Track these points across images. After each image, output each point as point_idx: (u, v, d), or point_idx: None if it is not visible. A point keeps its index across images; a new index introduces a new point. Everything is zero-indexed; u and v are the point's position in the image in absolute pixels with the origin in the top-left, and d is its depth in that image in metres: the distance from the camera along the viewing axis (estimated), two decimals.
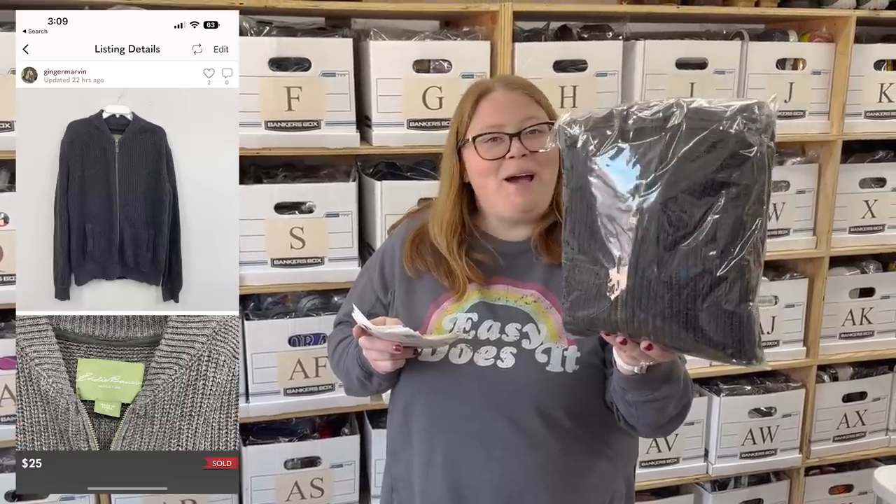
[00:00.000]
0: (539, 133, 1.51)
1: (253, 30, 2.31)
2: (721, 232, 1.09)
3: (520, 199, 1.52)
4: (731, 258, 1.09)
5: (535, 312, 1.54)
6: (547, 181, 1.53)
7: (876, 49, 2.78)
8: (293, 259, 2.40)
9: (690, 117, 1.11)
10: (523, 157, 1.49)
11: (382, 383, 1.61)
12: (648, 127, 1.14)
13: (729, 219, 1.09)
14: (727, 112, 1.09)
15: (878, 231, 2.89)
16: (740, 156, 1.08)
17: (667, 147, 1.12)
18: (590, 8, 2.54)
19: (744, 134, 1.07)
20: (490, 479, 1.51)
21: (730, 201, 1.09)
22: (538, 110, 1.55)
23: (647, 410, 1.42)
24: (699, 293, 1.11)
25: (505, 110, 1.52)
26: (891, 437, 3.10)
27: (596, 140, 1.19)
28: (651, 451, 2.80)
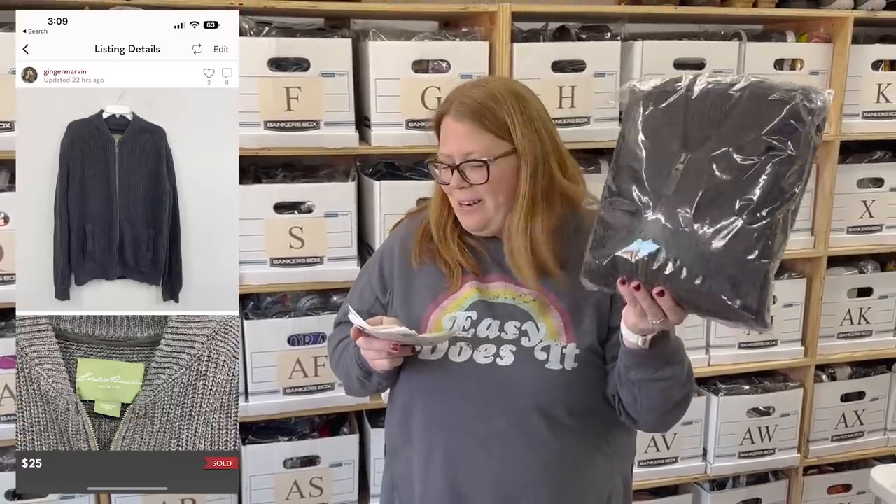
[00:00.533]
0: (478, 166, 1.51)
1: (252, 30, 2.31)
2: (759, 189, 1.16)
3: (465, 221, 1.57)
4: (762, 215, 1.15)
5: (533, 310, 1.55)
6: (492, 205, 1.55)
7: (874, 49, 2.78)
8: (292, 259, 2.40)
9: (755, 84, 1.19)
10: (462, 189, 1.53)
11: (382, 382, 1.62)
12: (714, 89, 1.23)
13: (769, 179, 1.16)
14: (788, 86, 1.17)
15: (876, 231, 2.89)
16: (791, 126, 1.15)
17: (725, 104, 1.21)
18: (588, 8, 2.54)
19: (798, 108, 1.15)
20: (489, 477, 1.52)
21: (773, 164, 1.16)
22: (482, 140, 1.51)
23: (651, 392, 1.44)
24: (726, 241, 1.17)
25: (452, 141, 1.54)
26: (889, 437, 3.10)
27: (660, 95, 1.27)
28: (650, 451, 2.81)
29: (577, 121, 2.50)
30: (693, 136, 1.23)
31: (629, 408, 1.50)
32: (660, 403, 1.46)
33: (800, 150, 1.15)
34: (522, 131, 1.52)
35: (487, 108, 1.52)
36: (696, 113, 1.24)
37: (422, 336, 1.49)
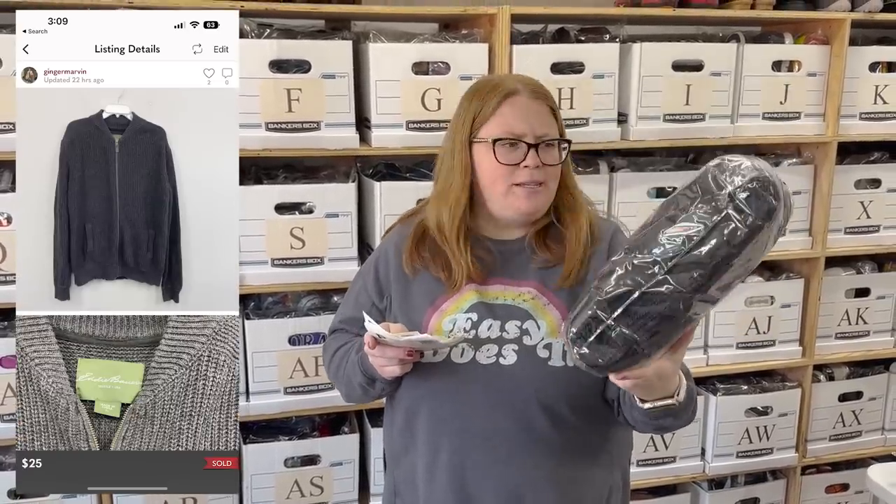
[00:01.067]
0: (552, 147, 1.55)
1: (254, 32, 2.33)
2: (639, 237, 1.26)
3: (526, 204, 1.54)
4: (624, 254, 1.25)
5: (533, 309, 1.56)
6: (552, 190, 1.57)
7: (871, 51, 2.80)
8: (293, 259, 2.41)
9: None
10: (537, 168, 1.52)
11: (386, 388, 1.61)
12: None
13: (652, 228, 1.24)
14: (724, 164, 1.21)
15: (874, 232, 2.90)
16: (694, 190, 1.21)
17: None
18: (587, 10, 2.55)
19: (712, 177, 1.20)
20: (494, 476, 1.53)
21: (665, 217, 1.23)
22: (554, 124, 1.57)
23: (652, 428, 1.49)
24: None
25: (527, 119, 1.53)
26: (886, 437, 3.11)
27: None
28: (648, 451, 2.82)
29: (576, 122, 2.50)
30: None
31: (630, 423, 1.53)
32: (662, 432, 1.56)
33: (700, 218, 1.18)
34: (562, 126, 1.60)
35: (551, 97, 1.60)
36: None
37: (443, 341, 1.48)
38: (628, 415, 1.49)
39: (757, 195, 1.16)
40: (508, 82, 1.58)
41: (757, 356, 2.86)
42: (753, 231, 1.17)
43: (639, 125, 2.57)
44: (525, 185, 1.53)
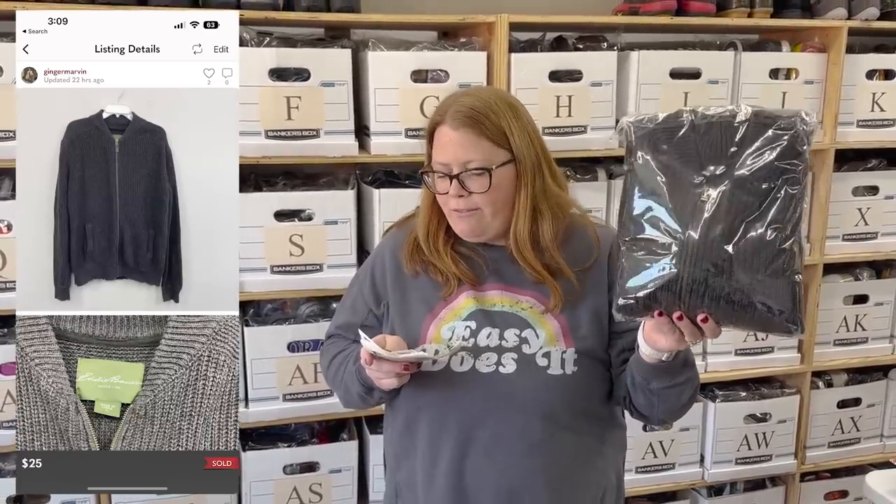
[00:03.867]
0: (478, 175, 1.51)
1: (253, 41, 2.35)
2: (781, 211, 1.24)
3: (460, 227, 1.57)
4: (788, 233, 1.24)
5: (531, 318, 1.57)
6: (490, 213, 1.55)
7: (868, 59, 2.81)
8: (292, 266, 2.42)
9: (757, 114, 1.27)
10: (461, 197, 1.52)
11: (384, 396, 1.62)
12: (717, 122, 1.30)
13: (787, 200, 1.25)
14: (786, 114, 1.27)
15: (872, 238, 2.91)
16: (796, 150, 1.25)
17: (734, 136, 1.28)
18: (585, 19, 2.57)
19: (800, 132, 1.25)
20: (492, 481, 1.54)
21: (787, 186, 1.25)
22: (481, 149, 1.52)
23: (670, 396, 1.48)
24: (763, 263, 1.24)
25: (449, 150, 1.52)
26: (885, 444, 3.11)
27: (666, 132, 1.33)
28: (647, 457, 2.82)
29: (574, 130, 2.52)
30: (710, 167, 1.28)
31: (644, 410, 1.55)
32: (676, 404, 1.51)
33: (804, 168, 1.25)
34: (519, 139, 1.54)
35: (485, 116, 1.53)
36: (707, 146, 1.29)
37: (439, 357, 1.50)
38: (644, 397, 1.50)
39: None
40: (440, 109, 1.57)
41: (755, 363, 2.86)
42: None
43: None
44: (455, 210, 1.55)
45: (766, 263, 1.23)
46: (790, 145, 1.24)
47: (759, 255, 1.24)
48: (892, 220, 2.92)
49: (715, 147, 1.28)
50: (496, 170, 1.51)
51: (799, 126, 1.25)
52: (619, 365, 1.57)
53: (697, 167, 1.29)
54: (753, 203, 1.25)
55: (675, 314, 1.28)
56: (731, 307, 1.26)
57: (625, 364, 1.54)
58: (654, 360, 1.40)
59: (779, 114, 1.27)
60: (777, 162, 1.24)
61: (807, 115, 1.26)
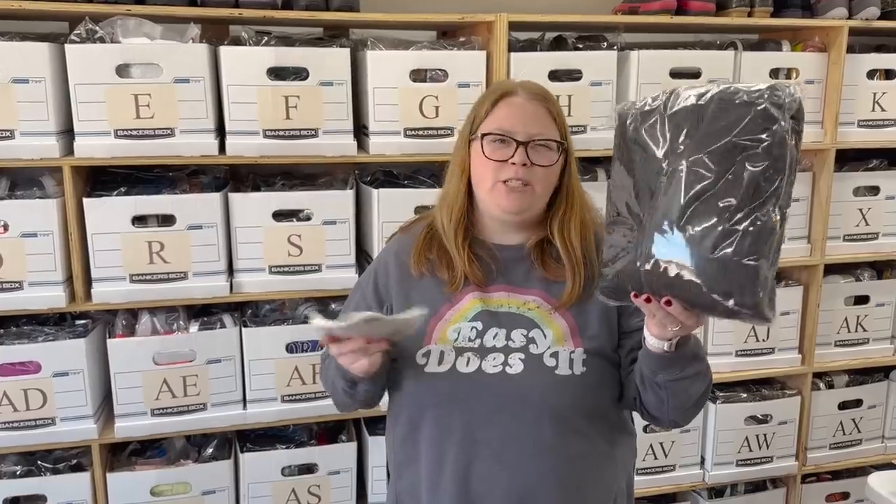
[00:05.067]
0: (545, 148, 1.53)
1: (252, 40, 2.33)
2: (737, 191, 1.20)
3: (507, 201, 1.54)
4: (744, 215, 1.19)
5: (538, 318, 1.55)
6: (540, 193, 1.55)
7: (869, 59, 2.80)
8: (291, 266, 2.41)
9: (722, 92, 1.24)
10: (524, 167, 1.51)
11: (368, 390, 1.58)
12: (686, 103, 1.28)
13: (746, 180, 1.19)
14: (753, 88, 1.22)
15: (873, 239, 2.90)
16: (761, 125, 1.19)
17: (698, 115, 1.25)
18: (584, 18, 2.56)
19: (766, 106, 1.19)
20: (500, 485, 1.51)
21: (747, 163, 1.20)
22: (551, 127, 1.56)
23: (678, 390, 1.46)
24: (712, 243, 1.20)
25: (520, 117, 1.54)
26: (887, 445, 3.10)
27: (643, 116, 1.33)
28: (647, 459, 2.81)
29: (574, 129, 2.50)
30: (672, 148, 1.27)
31: (654, 409, 1.52)
32: (686, 400, 1.49)
33: (774, 148, 1.18)
34: (568, 131, 1.60)
35: (552, 98, 1.60)
36: (673, 126, 1.28)
37: (389, 318, 1.44)
38: (654, 393, 1.48)
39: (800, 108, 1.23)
40: (509, 84, 1.60)
41: (756, 364, 2.85)
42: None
43: None
44: (509, 182, 1.52)
45: (714, 244, 1.20)
46: (753, 121, 1.19)
47: (705, 235, 1.20)
48: (893, 221, 2.92)
49: (679, 128, 1.27)
50: (563, 149, 1.56)
51: (766, 99, 1.19)
52: (629, 365, 1.55)
53: (662, 149, 1.29)
54: (708, 183, 1.22)
55: (642, 297, 1.28)
56: (687, 290, 1.23)
57: (634, 364, 1.53)
58: (658, 349, 1.39)
59: (745, 89, 1.22)
60: (736, 139, 1.20)
61: (780, 89, 1.20)
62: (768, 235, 1.19)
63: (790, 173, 1.21)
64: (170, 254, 2.31)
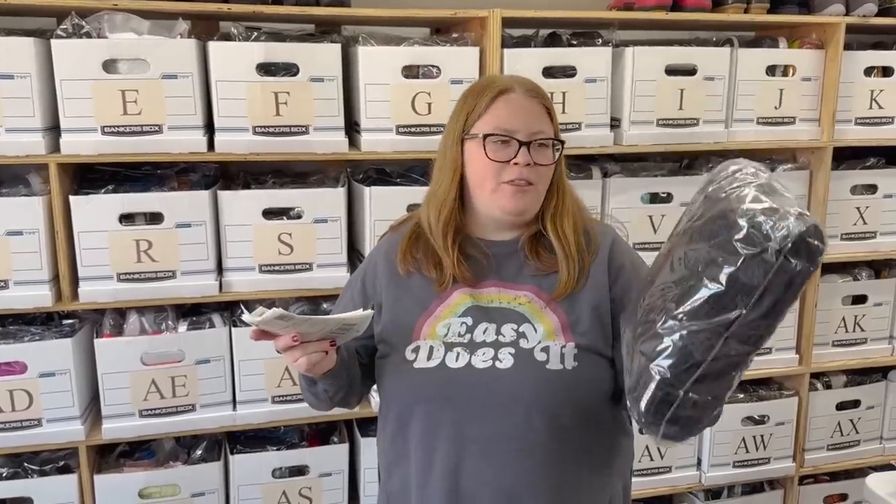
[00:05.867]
0: (545, 146, 1.53)
1: (241, 35, 2.30)
2: (686, 299, 1.17)
3: (512, 203, 1.52)
4: (679, 324, 1.17)
5: (530, 312, 1.53)
6: (542, 192, 1.55)
7: (866, 56, 2.78)
8: (281, 265, 2.38)
9: (736, 197, 1.16)
10: (528, 167, 1.50)
11: (328, 389, 1.57)
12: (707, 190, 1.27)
13: (700, 292, 1.15)
14: (758, 206, 1.13)
15: (871, 238, 2.88)
16: (733, 247, 1.12)
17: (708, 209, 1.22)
18: (579, 14, 2.53)
19: (750, 233, 1.11)
20: (489, 483, 1.48)
21: (706, 279, 1.14)
22: (548, 124, 1.55)
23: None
24: (644, 335, 1.22)
25: (521, 116, 1.52)
26: (885, 446, 3.08)
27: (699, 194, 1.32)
28: (644, 460, 2.78)
29: (568, 127, 2.48)
30: (675, 231, 1.28)
31: None
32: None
33: (749, 276, 1.11)
34: (558, 126, 1.59)
35: (546, 96, 1.58)
36: (691, 209, 1.27)
37: (304, 317, 1.36)
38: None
39: (808, 247, 1.10)
40: (504, 80, 1.58)
41: (753, 364, 2.76)
42: (807, 277, 1.13)
43: (632, 130, 2.54)
44: (514, 183, 1.50)
45: (644, 339, 1.21)
46: (730, 240, 1.12)
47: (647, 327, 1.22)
48: (891, 220, 2.89)
49: (692, 216, 1.25)
50: (562, 147, 1.56)
51: (752, 226, 1.10)
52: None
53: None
54: (674, 279, 1.20)
55: None
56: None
57: None
58: None
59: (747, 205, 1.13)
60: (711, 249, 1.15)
61: (780, 220, 1.09)
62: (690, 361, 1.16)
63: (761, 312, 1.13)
64: (158, 252, 2.28)
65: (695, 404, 1.20)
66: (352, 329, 1.44)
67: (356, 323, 1.42)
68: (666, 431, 1.24)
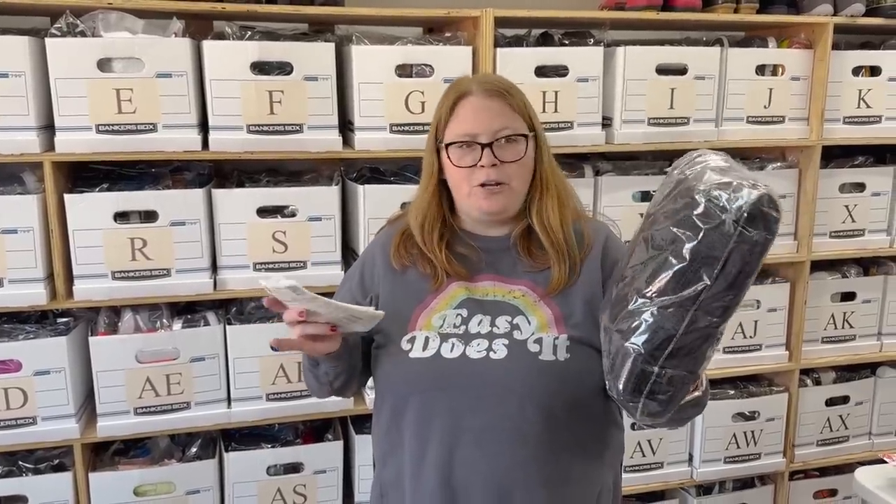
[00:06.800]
0: (512, 142, 1.53)
1: (235, 34, 2.31)
2: (654, 277, 1.23)
3: (487, 203, 1.54)
4: (648, 300, 1.23)
5: (524, 305, 1.55)
6: (517, 188, 1.55)
7: (854, 56, 2.81)
8: (276, 263, 2.39)
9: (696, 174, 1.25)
10: (493, 167, 1.51)
11: (329, 372, 1.58)
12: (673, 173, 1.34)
13: (666, 269, 1.21)
14: (710, 181, 1.21)
15: (859, 235, 2.90)
16: (692, 221, 1.20)
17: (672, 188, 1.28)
18: (571, 14, 2.54)
19: (707, 206, 1.19)
20: (482, 473, 1.50)
21: (672, 256, 1.21)
22: (513, 118, 1.55)
23: (678, 421, 1.48)
24: (618, 317, 1.28)
25: (479, 118, 1.53)
26: (874, 442, 3.10)
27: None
28: (636, 456, 2.80)
29: (560, 125, 2.50)
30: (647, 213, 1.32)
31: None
32: (682, 419, 1.50)
33: (710, 249, 1.18)
34: (534, 117, 1.59)
35: (511, 89, 1.57)
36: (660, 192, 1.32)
37: (314, 295, 1.37)
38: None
39: (764, 216, 1.17)
40: (463, 84, 1.59)
41: (744, 360, 2.85)
42: (766, 246, 1.20)
43: (623, 129, 2.56)
44: (484, 185, 1.52)
45: (620, 326, 1.25)
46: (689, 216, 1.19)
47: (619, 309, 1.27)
48: (879, 217, 2.92)
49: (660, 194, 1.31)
50: (531, 138, 1.55)
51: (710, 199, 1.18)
52: None
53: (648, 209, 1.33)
54: (641, 261, 1.25)
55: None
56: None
57: None
58: None
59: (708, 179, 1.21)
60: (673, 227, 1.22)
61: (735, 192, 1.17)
62: (663, 336, 1.23)
63: (726, 283, 1.21)
64: (153, 250, 2.28)
65: (670, 379, 1.27)
66: (358, 322, 1.46)
67: (363, 318, 1.44)
68: (645, 407, 1.30)
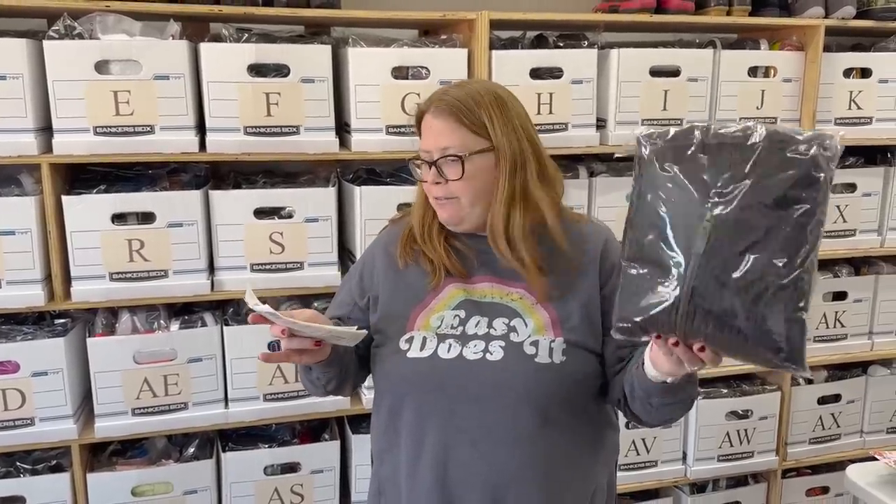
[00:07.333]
0: (453, 162, 1.53)
1: (232, 37, 2.32)
2: (788, 244, 1.16)
3: (444, 214, 1.58)
4: (795, 269, 1.16)
5: (521, 308, 1.56)
6: (468, 203, 1.55)
7: (845, 58, 2.83)
8: (272, 264, 2.40)
9: (770, 137, 1.19)
10: (437, 185, 1.55)
11: (321, 377, 1.60)
12: (728, 143, 1.22)
13: (796, 232, 1.16)
14: (803, 137, 1.17)
15: (850, 235, 2.93)
16: (812, 177, 1.16)
17: (746, 161, 1.20)
18: (565, 17, 2.56)
19: (818, 158, 1.15)
20: (478, 473, 1.52)
21: (799, 217, 1.16)
22: (462, 136, 1.53)
23: (667, 410, 1.48)
24: (764, 298, 1.17)
25: (429, 137, 1.56)
26: (865, 439, 3.13)
27: (675, 150, 1.26)
28: (630, 455, 2.82)
29: (555, 127, 2.52)
30: (716, 191, 1.22)
31: (640, 415, 1.53)
32: (673, 416, 1.52)
33: (820, 198, 1.17)
34: (501, 129, 1.54)
35: (466, 106, 1.54)
36: (715, 167, 1.23)
37: (290, 319, 1.36)
38: (641, 406, 1.48)
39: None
40: (425, 102, 1.61)
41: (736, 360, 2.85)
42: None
43: (617, 130, 2.58)
44: (436, 199, 1.58)
45: (765, 298, 1.17)
46: (805, 172, 1.16)
47: (757, 288, 1.17)
48: (870, 218, 2.95)
49: (723, 169, 1.21)
50: (469, 157, 1.51)
51: (816, 151, 1.15)
52: (615, 363, 1.56)
53: (704, 190, 1.22)
54: (759, 232, 1.18)
55: (670, 340, 1.24)
56: (728, 340, 1.21)
57: (621, 362, 1.54)
58: (659, 381, 1.39)
59: (796, 136, 1.18)
60: (789, 191, 1.16)
61: (829, 140, 1.16)
62: (810, 282, 1.19)
63: (824, 224, 1.21)
64: (150, 252, 2.29)
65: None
66: (342, 339, 1.48)
67: (345, 337, 1.46)
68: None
